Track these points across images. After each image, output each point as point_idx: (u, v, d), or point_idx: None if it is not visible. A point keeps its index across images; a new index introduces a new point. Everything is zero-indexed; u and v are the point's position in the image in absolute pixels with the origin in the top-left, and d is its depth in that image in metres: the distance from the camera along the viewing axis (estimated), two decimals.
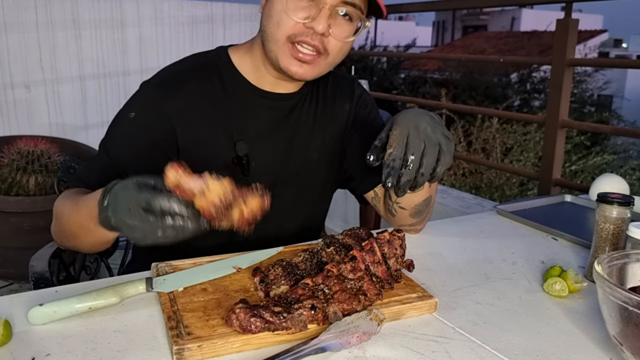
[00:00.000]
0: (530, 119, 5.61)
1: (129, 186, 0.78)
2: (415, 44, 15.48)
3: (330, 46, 1.01)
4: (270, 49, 1.02)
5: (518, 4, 7.40)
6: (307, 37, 0.98)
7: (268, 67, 1.08)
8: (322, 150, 1.19)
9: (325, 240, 0.96)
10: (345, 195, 1.55)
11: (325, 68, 1.05)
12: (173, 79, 1.07)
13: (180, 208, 0.74)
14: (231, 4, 4.46)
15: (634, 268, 0.80)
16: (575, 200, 1.53)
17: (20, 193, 2.61)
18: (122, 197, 0.77)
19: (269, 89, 1.11)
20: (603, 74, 11.53)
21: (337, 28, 0.99)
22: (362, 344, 0.75)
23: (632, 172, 6.85)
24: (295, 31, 0.98)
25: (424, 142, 0.85)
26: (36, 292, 0.89)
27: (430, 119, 0.88)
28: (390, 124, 0.90)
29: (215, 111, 1.08)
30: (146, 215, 0.74)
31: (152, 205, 0.74)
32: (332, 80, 1.22)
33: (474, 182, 6.50)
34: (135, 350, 0.72)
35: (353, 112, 1.22)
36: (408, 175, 0.84)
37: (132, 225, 0.76)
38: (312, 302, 0.76)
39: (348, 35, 1.02)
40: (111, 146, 1.06)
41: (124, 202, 0.77)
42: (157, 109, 1.05)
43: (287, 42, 0.99)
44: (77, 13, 3.77)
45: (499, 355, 0.75)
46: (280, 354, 0.70)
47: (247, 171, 1.09)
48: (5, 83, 3.58)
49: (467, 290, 0.94)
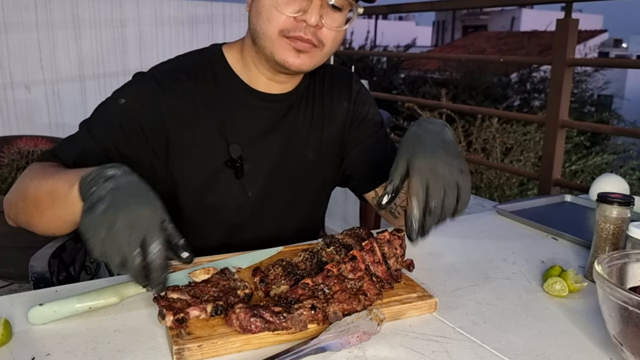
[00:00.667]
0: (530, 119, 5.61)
1: (142, 197, 0.70)
2: (415, 44, 15.49)
3: (325, 37, 0.99)
4: (264, 45, 1.00)
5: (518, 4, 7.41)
6: (300, 32, 0.96)
7: (260, 67, 1.06)
8: (319, 150, 1.17)
9: (325, 240, 0.96)
10: (345, 195, 1.54)
11: (321, 59, 1.03)
12: (169, 76, 1.05)
13: (159, 272, 0.67)
14: (231, 4, 4.46)
15: (634, 268, 0.80)
16: (575, 200, 1.53)
17: None
18: (123, 199, 0.69)
19: (262, 89, 1.09)
20: (603, 73, 11.53)
21: (328, 18, 0.98)
22: (362, 344, 0.75)
23: (632, 172, 6.86)
24: (287, 26, 0.96)
25: (443, 187, 0.80)
26: (36, 292, 0.89)
27: (445, 155, 0.82)
28: (403, 165, 0.83)
29: (210, 112, 1.06)
30: (129, 241, 0.66)
31: (147, 241, 0.67)
32: (329, 76, 1.20)
33: (474, 182, 6.51)
34: (135, 350, 0.72)
35: (352, 110, 1.20)
36: (432, 223, 0.81)
37: (102, 234, 0.67)
38: (312, 302, 0.75)
39: (340, 24, 1.00)
40: (95, 129, 1.01)
41: (124, 205, 0.68)
42: (150, 100, 1.02)
43: (281, 37, 0.98)
44: (77, 13, 3.77)
45: (499, 355, 0.75)
46: (280, 353, 0.70)
47: (240, 173, 1.08)
48: (5, 83, 3.58)
49: (467, 290, 0.94)
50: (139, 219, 0.67)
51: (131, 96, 1.03)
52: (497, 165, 5.60)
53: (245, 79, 1.09)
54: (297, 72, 1.04)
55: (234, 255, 0.97)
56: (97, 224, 0.68)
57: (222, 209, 1.10)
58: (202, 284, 0.81)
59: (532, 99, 10.93)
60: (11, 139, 2.82)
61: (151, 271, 0.67)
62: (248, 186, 1.10)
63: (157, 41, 4.14)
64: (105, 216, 0.68)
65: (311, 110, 1.16)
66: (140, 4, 4.02)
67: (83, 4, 3.79)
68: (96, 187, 0.72)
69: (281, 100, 1.12)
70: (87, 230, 0.68)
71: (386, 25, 24.83)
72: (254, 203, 1.11)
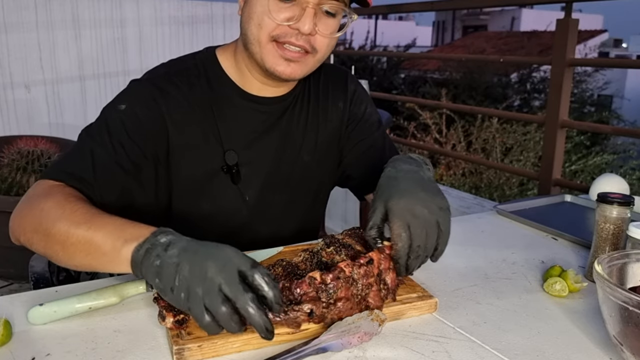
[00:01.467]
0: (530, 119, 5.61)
1: (215, 245, 0.69)
2: (415, 44, 15.49)
3: (318, 44, 0.98)
4: (254, 51, 0.98)
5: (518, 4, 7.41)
6: (292, 38, 0.95)
7: (253, 71, 1.05)
8: (315, 152, 1.16)
9: (325, 240, 0.96)
10: (345, 195, 1.54)
11: (314, 65, 1.02)
12: (165, 80, 1.03)
13: (261, 317, 0.65)
14: (231, 4, 4.46)
15: (634, 268, 0.80)
16: (575, 200, 1.53)
17: (20, 193, 2.60)
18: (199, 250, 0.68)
19: (256, 92, 1.08)
20: (603, 73, 11.53)
21: (322, 24, 0.96)
22: (362, 344, 0.75)
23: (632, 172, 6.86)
24: (278, 32, 0.95)
25: (425, 229, 0.81)
26: (36, 292, 0.89)
27: (423, 194, 0.83)
28: (381, 209, 0.84)
29: (205, 116, 1.04)
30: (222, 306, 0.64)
31: (246, 274, 0.66)
32: (324, 76, 1.18)
33: (474, 182, 6.51)
34: (135, 350, 0.72)
35: (348, 110, 1.18)
36: (415, 264, 0.83)
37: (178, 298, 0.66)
38: (312, 307, 0.74)
39: (334, 31, 0.99)
40: (100, 137, 0.96)
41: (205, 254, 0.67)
42: (151, 104, 1.00)
43: (271, 42, 0.96)
44: (77, 13, 3.78)
45: (499, 355, 0.75)
46: (281, 354, 0.70)
47: (237, 179, 1.07)
48: (5, 83, 3.58)
49: (467, 290, 0.94)
50: (227, 259, 0.67)
51: (131, 101, 1.00)
52: (497, 165, 5.60)
53: (239, 82, 1.07)
54: (288, 80, 1.03)
55: None
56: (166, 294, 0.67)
57: (218, 214, 1.09)
58: None
59: (532, 99, 10.93)
60: (11, 139, 2.82)
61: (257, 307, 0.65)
62: (245, 190, 1.09)
63: (157, 41, 4.14)
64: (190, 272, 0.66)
65: (306, 111, 1.14)
66: (140, 4, 4.02)
67: (83, 4, 3.79)
68: (160, 260, 0.69)
69: (276, 103, 1.10)
70: (186, 302, 0.66)
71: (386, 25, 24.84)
72: (251, 207, 1.11)
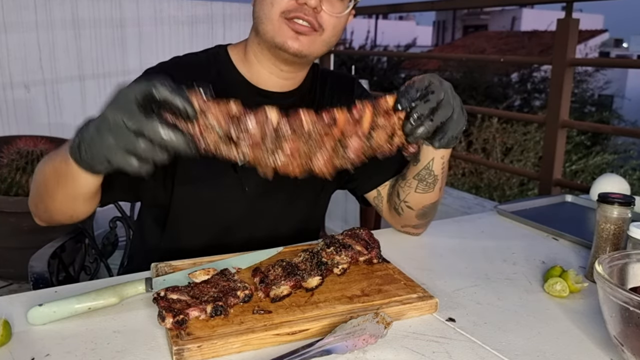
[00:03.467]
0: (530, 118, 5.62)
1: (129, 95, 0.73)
2: (415, 43, 15.50)
3: (324, 22, 1.02)
4: (265, 30, 1.03)
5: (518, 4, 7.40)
6: (300, 12, 1.00)
7: (262, 59, 1.08)
8: None
9: (325, 240, 0.96)
10: (345, 195, 1.54)
11: (320, 46, 1.05)
12: (175, 68, 1.07)
13: (167, 133, 0.71)
14: (231, 4, 4.46)
15: (634, 268, 0.80)
16: (576, 200, 1.53)
17: (19, 193, 2.61)
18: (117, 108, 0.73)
19: (263, 86, 1.11)
20: (604, 73, 11.54)
21: (329, 4, 1.02)
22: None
23: (632, 172, 6.87)
24: (288, 7, 1.00)
25: (443, 93, 0.86)
26: (36, 292, 0.88)
27: (452, 92, 0.90)
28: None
29: None
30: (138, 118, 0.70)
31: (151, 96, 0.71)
32: (331, 81, 1.21)
33: (474, 182, 6.51)
34: (134, 350, 0.72)
35: None
36: (422, 109, 0.83)
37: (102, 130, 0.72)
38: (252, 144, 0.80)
39: (341, 11, 1.04)
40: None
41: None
42: None
43: (282, 18, 1.01)
44: (76, 13, 3.77)
45: (500, 355, 0.75)
46: (284, 355, 0.69)
47: (238, 166, 1.08)
48: (4, 83, 3.57)
49: (468, 291, 0.94)
50: (124, 94, 0.72)
51: None
52: (497, 165, 5.60)
53: (247, 76, 1.11)
54: (296, 56, 1.05)
55: (234, 255, 0.97)
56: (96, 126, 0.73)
57: (216, 202, 1.10)
58: (201, 284, 0.81)
59: (532, 99, 10.93)
60: (11, 139, 2.82)
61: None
62: (245, 180, 1.10)
63: (157, 41, 4.14)
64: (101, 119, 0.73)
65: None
66: (140, 4, 4.02)
67: (83, 4, 3.78)
68: (78, 138, 0.77)
69: (282, 98, 1.12)
70: (92, 140, 0.74)
71: (386, 24, 24.83)
72: (250, 199, 1.11)
